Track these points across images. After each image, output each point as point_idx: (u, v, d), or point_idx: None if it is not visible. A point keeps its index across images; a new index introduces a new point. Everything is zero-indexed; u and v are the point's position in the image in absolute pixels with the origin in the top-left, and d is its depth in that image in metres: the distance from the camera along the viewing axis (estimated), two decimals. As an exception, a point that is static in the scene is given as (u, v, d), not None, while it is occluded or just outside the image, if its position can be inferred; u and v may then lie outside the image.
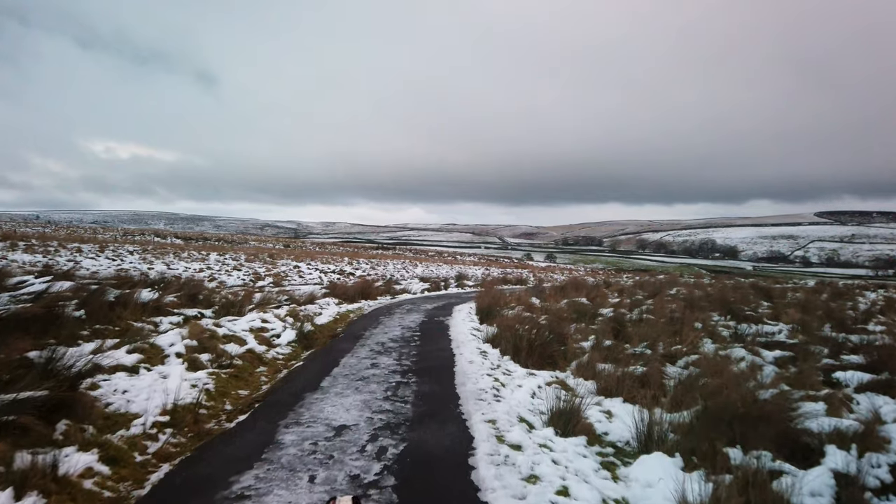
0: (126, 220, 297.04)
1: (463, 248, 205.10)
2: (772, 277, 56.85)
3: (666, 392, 6.63)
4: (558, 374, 7.52)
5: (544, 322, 11.89)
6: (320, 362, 7.45)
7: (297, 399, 5.61)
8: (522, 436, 4.57)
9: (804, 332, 11.51)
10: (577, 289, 20.16)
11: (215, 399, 5.62)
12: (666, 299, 18.00)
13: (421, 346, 8.77)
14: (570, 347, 8.66)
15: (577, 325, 11.66)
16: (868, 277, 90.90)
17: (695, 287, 25.23)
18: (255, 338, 8.44)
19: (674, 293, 20.85)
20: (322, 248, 75.07)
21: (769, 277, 58.75)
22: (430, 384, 6.30)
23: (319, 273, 30.20)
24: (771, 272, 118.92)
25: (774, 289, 24.15)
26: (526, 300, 16.17)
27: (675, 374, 7.43)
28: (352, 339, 9.33)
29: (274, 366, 7.34)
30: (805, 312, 14.44)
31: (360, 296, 17.90)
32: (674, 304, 16.07)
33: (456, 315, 13.41)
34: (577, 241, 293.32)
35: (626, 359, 8.18)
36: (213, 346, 7.21)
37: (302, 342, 8.85)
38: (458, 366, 7.28)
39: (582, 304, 15.25)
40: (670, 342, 9.56)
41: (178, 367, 6.40)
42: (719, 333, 11.37)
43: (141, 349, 6.65)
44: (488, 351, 8.56)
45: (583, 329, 10.81)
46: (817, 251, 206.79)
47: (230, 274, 25.24)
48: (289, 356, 8.00)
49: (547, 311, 13.66)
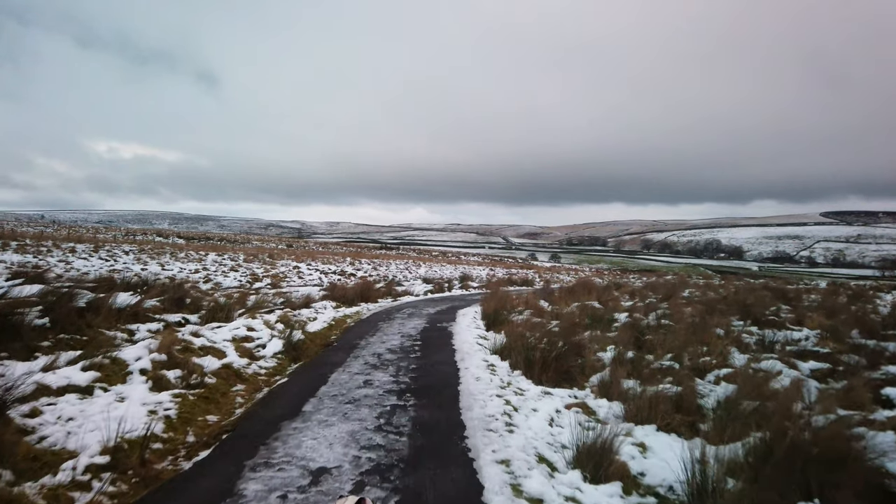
0: (131, 220, 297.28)
1: (467, 248, 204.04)
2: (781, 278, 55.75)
3: (704, 416, 5.73)
4: (577, 392, 6.63)
5: (556, 329, 11.01)
6: (307, 379, 6.57)
7: (273, 428, 4.73)
8: (544, 483, 3.68)
9: (834, 339, 10.59)
10: (587, 291, 19.24)
11: (176, 429, 4.74)
12: (680, 302, 17.09)
13: (421, 359, 7.88)
14: (589, 360, 7.76)
15: (592, 332, 10.76)
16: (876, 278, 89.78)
17: (707, 289, 24.28)
18: (237, 349, 7.57)
19: (687, 295, 19.92)
20: (325, 247, 74.24)
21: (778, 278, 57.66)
22: (431, 408, 5.41)
23: (319, 274, 29.34)
24: (777, 272, 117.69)
25: (789, 290, 23.19)
26: (534, 303, 15.28)
27: (708, 392, 6.52)
28: (346, 350, 8.44)
29: (254, 383, 6.46)
30: (829, 316, 13.50)
31: (360, 298, 17.03)
32: (689, 308, 15.17)
33: (460, 320, 12.52)
34: (582, 241, 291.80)
35: (653, 374, 7.29)
36: (185, 361, 6.33)
37: (290, 354, 7.97)
38: (463, 383, 6.40)
39: (594, 309, 14.35)
40: (695, 352, 8.66)
41: (139, 388, 5.53)
42: (744, 341, 10.48)
43: (99, 365, 5.78)
44: (496, 364, 7.66)
45: (599, 337, 9.90)
46: (823, 251, 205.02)
47: (227, 275, 24.40)
48: (273, 370, 7.12)
49: (558, 316, 12.76)
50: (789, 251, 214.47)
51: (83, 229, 70.72)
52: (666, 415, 5.38)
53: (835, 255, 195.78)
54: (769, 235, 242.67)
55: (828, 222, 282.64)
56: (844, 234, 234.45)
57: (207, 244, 52.18)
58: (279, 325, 10.19)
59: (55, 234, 44.07)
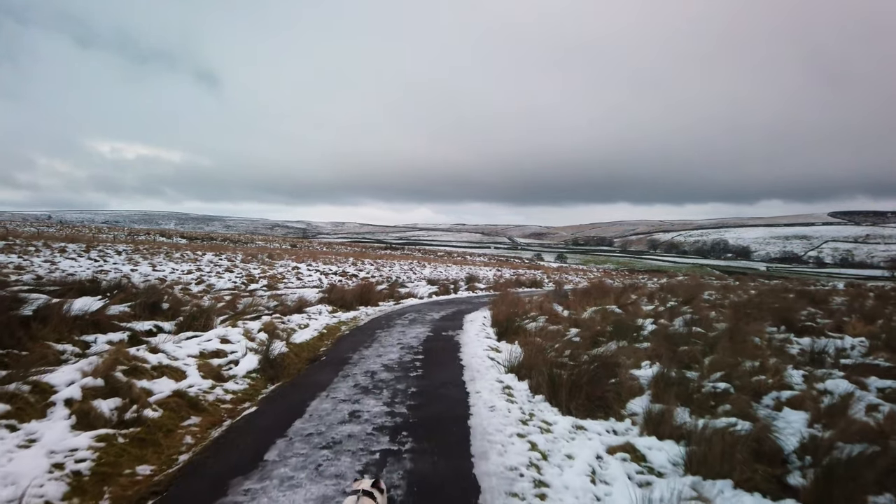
0: (137, 220, 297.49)
1: (472, 248, 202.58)
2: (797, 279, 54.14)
3: (787, 463, 4.42)
4: (615, 425, 5.33)
5: (577, 339, 9.71)
6: (280, 408, 5.29)
7: (217, 492, 3.45)
8: None
9: (887, 348, 9.26)
10: (602, 294, 17.89)
11: (85, 492, 3.47)
12: (703, 305, 15.77)
13: (423, 378, 6.59)
14: (623, 380, 6.45)
15: (618, 342, 9.45)
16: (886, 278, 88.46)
17: (725, 290, 22.90)
18: (202, 368, 6.29)
19: (709, 298, 18.57)
20: (329, 247, 73.01)
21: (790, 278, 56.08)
22: (434, 456, 4.11)
23: (319, 275, 28.09)
24: (786, 273, 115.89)
25: (813, 292, 21.80)
26: (548, 308, 13.98)
27: (781, 426, 5.19)
28: (335, 366, 7.17)
29: (214, 414, 5.18)
30: (868, 322, 12.15)
31: (359, 301, 15.76)
32: (713, 312, 13.88)
33: (468, 328, 11.23)
34: (588, 241, 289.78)
35: (704, 400, 5.98)
36: (128, 387, 5.06)
37: (266, 372, 6.69)
38: (474, 415, 5.10)
39: (615, 314, 13.03)
40: (744, 368, 7.34)
41: (59, 426, 4.28)
42: (787, 351, 9.16)
43: (12, 394, 4.54)
44: (513, 386, 6.37)
45: (628, 350, 8.59)
46: (831, 251, 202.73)
47: (221, 276, 23.18)
48: (241, 395, 5.84)
49: (576, 323, 11.45)
50: (797, 251, 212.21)
51: (86, 229, 69.74)
52: (743, 464, 4.08)
53: (843, 256, 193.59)
54: (777, 235, 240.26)
55: (836, 222, 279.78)
56: (853, 234, 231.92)
57: (209, 244, 51.03)
58: (262, 335, 8.94)
59: (55, 234, 43.01)
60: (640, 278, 49.79)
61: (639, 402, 6.13)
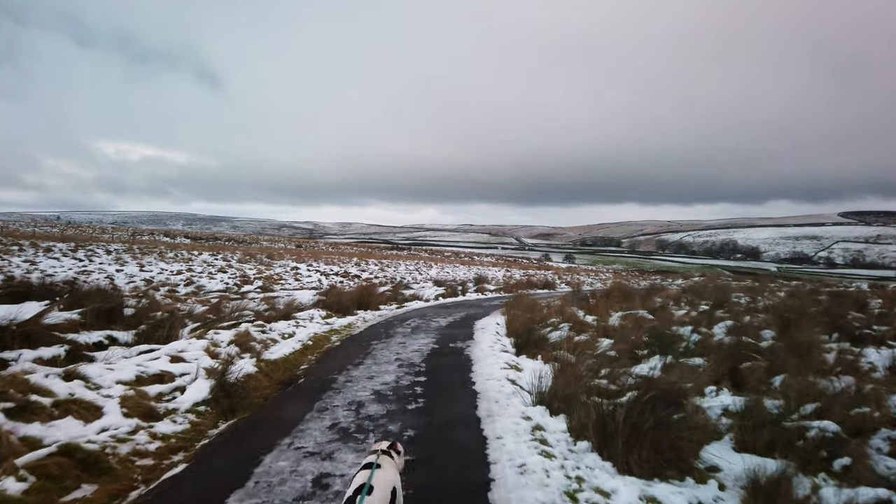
0: (145, 221, 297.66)
1: (480, 248, 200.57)
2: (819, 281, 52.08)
3: None
4: (698, 492, 3.71)
5: (612, 352, 8.08)
6: (217, 467, 3.70)
7: None
8: None
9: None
10: (625, 296, 16.20)
11: None
12: (738, 310, 14.07)
13: (424, 414, 4.98)
14: (691, 416, 4.82)
15: (662, 357, 7.83)
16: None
17: (753, 292, 21.09)
18: (128, 401, 4.71)
19: (741, 302, 16.87)
20: (335, 248, 71.47)
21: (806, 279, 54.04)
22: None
23: (319, 276, 26.53)
24: (798, 273, 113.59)
25: (852, 294, 20.04)
26: (570, 313, 12.33)
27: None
28: (311, 394, 5.57)
29: (120, 479, 3.58)
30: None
31: (357, 305, 14.18)
32: (748, 317, 12.23)
33: (480, 336, 9.62)
34: (596, 241, 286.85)
35: (812, 450, 4.35)
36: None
37: (220, 403, 5.10)
38: (497, 481, 3.50)
39: (646, 321, 11.36)
40: (827, 392, 5.69)
41: None
42: (861, 367, 7.52)
43: None
44: (546, 426, 4.75)
45: (677, 368, 6.94)
46: (842, 252, 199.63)
47: (213, 277, 21.67)
48: (174, 444, 4.24)
49: (606, 332, 9.81)
50: (807, 252, 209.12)
51: (91, 229, 68.53)
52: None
53: (854, 256, 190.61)
54: (786, 236, 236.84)
55: (846, 222, 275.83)
56: (864, 234, 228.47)
57: (211, 245, 49.65)
58: (231, 349, 7.37)
59: (52, 233, 41.68)
60: (654, 279, 47.79)
61: (717, 449, 4.51)
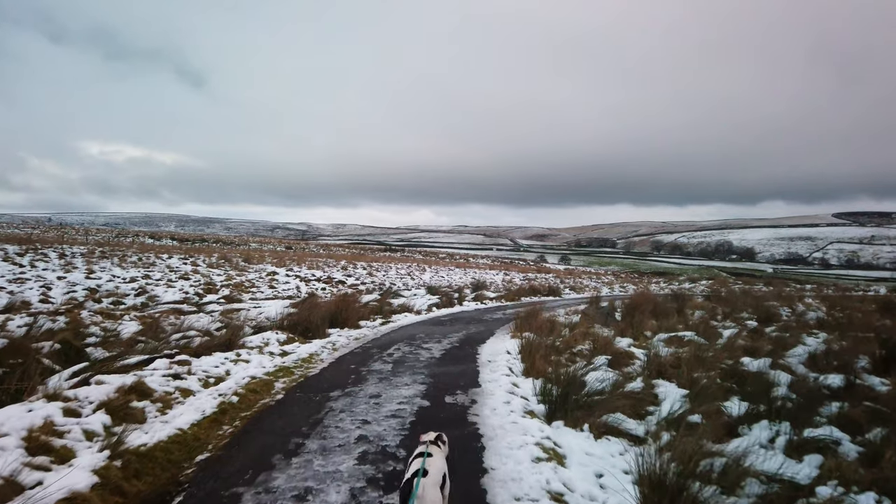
0: (137, 223, 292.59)
1: (475, 249, 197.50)
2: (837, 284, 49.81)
3: None
4: None
5: (696, 418, 5.42)
6: None
7: None
8: None
9: None
10: (654, 312, 13.47)
11: None
12: (791, 326, 11.50)
13: None
14: None
15: (751, 405, 5.20)
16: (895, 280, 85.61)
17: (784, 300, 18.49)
18: None
19: (784, 312, 14.30)
20: (327, 250, 68.45)
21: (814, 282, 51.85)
22: None
23: (299, 282, 23.71)
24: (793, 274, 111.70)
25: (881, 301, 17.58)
26: (598, 336, 9.68)
27: None
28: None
29: None
30: None
31: (331, 322, 11.48)
32: (804, 333, 9.76)
33: (488, 381, 6.90)
34: (590, 242, 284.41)
35: None
36: None
37: None
38: None
39: (697, 345, 8.68)
40: None
41: None
42: None
43: None
44: None
45: (794, 444, 4.31)
46: (836, 253, 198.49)
47: (172, 285, 18.84)
48: None
49: (660, 370, 7.13)
50: (802, 253, 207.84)
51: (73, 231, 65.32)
52: None
53: (849, 257, 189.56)
54: (781, 237, 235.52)
55: (840, 223, 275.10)
56: (858, 235, 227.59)
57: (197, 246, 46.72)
58: (95, 420, 4.68)
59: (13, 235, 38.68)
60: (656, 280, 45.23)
61: None
